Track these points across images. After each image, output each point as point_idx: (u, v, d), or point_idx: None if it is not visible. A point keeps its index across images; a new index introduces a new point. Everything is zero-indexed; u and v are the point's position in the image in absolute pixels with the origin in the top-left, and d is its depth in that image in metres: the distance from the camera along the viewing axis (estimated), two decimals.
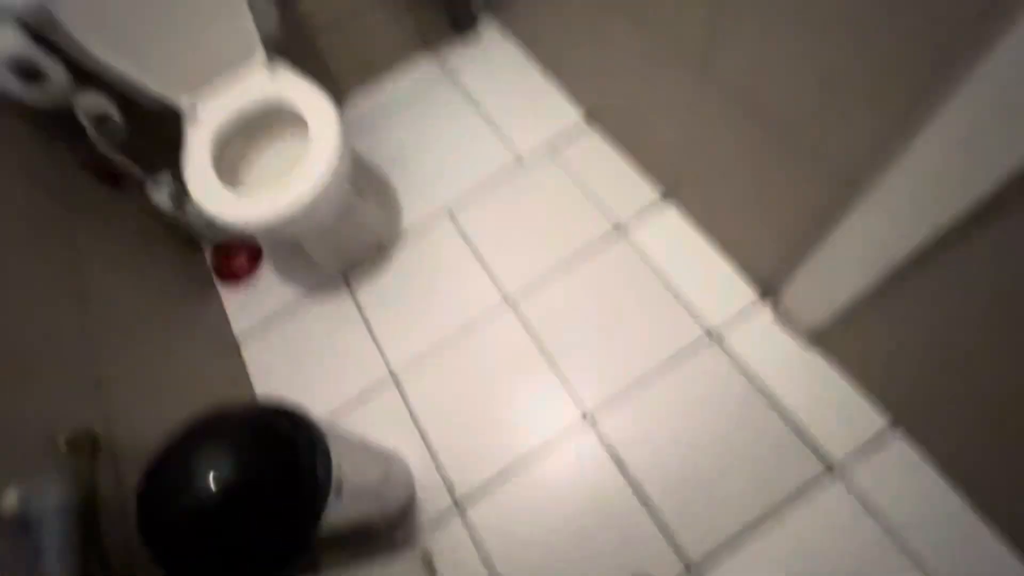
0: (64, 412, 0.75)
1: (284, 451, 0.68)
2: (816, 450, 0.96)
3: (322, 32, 1.37)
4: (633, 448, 1.02)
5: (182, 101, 1.08)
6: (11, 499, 0.59)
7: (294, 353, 1.25)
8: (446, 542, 1.01)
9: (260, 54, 1.10)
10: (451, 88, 1.50)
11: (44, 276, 0.88)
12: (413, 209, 1.35)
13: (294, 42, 1.30)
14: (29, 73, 0.98)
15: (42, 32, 0.96)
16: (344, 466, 0.80)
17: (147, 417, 0.89)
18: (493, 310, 1.19)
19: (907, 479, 0.92)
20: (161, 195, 1.24)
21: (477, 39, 1.56)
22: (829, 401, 0.99)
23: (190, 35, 1.03)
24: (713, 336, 1.08)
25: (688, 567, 0.92)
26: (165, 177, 1.26)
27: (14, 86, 0.96)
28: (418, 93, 1.51)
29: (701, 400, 1.04)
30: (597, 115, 1.33)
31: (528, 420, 1.08)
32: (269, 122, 1.15)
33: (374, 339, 1.22)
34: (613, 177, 1.28)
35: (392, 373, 1.18)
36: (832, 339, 0.99)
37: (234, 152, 1.13)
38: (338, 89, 1.52)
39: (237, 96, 1.09)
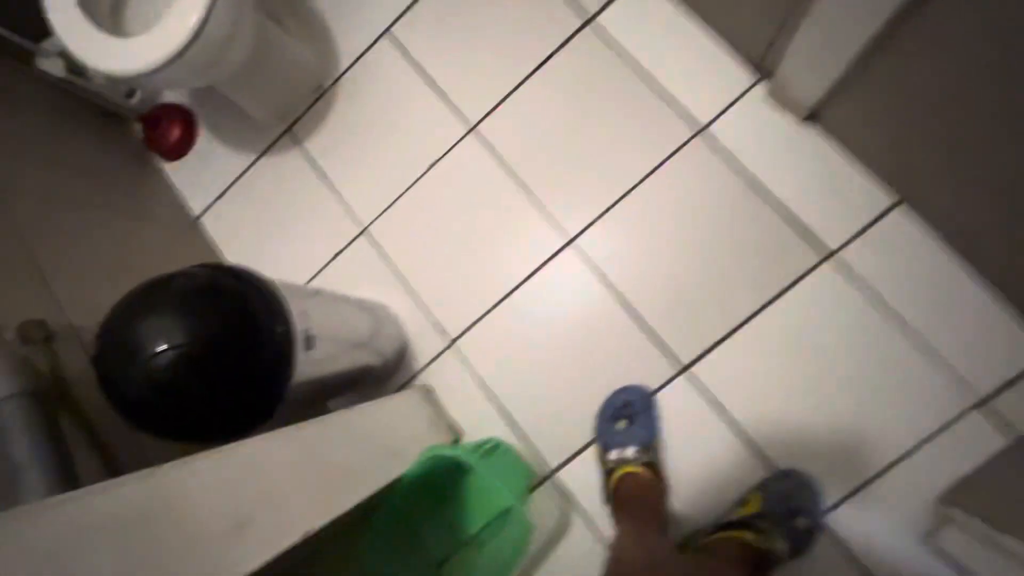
0: (9, 308, 0.71)
1: (235, 306, 0.65)
2: (814, 238, 0.90)
3: None
4: (618, 263, 0.98)
5: None
6: None
7: (258, 221, 1.18)
8: (443, 376, 1.04)
9: None
10: None
11: None
12: (349, 36, 1.16)
13: None
14: None
15: None
16: (318, 319, 0.78)
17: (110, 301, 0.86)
18: (457, 141, 1.07)
19: (910, 255, 0.86)
20: (54, 63, 1.07)
21: None
22: (828, 182, 0.90)
23: None
24: (704, 134, 0.96)
25: (681, 370, 0.93)
26: (56, 41, 1.08)
27: None
28: None
29: (694, 206, 0.96)
30: None
31: (510, 252, 1.03)
32: None
33: (336, 192, 1.13)
34: None
35: (361, 225, 1.11)
36: (830, 113, 0.86)
37: None
38: None
39: None
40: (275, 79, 1.09)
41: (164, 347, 0.59)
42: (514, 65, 1.05)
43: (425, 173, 1.08)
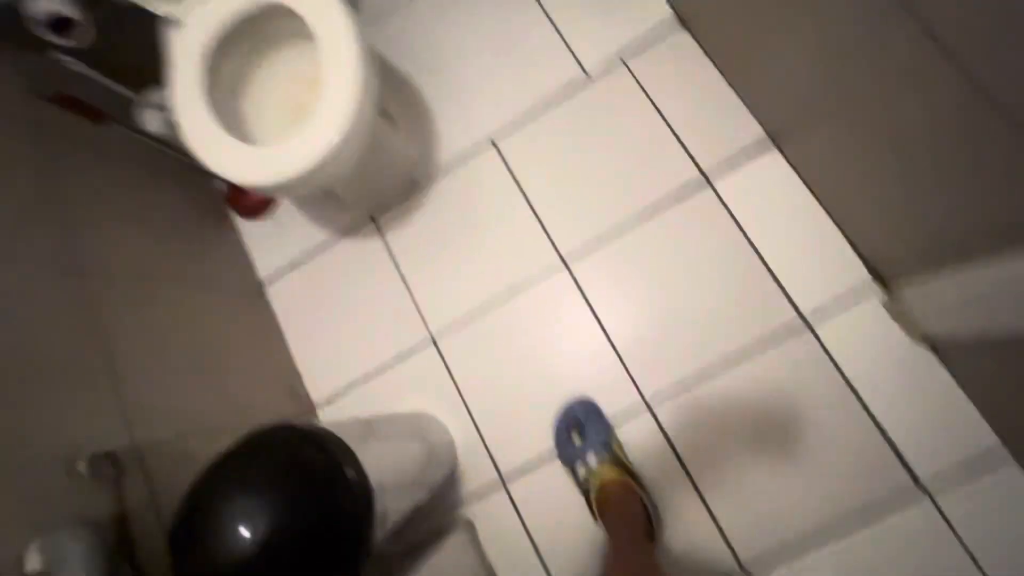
0: (80, 419, 0.68)
1: (322, 493, 0.61)
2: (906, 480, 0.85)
3: None
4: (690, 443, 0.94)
5: (160, 8, 0.84)
6: (33, 561, 0.54)
7: (324, 301, 1.14)
8: (486, 512, 1.00)
9: None
10: None
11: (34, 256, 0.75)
12: (452, 137, 1.12)
13: None
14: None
15: None
16: (386, 484, 0.74)
17: (177, 395, 0.83)
18: (546, 268, 1.04)
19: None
20: (153, 118, 1.04)
21: None
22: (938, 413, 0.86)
23: None
24: (808, 324, 0.92)
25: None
26: (155, 94, 1.05)
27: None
28: None
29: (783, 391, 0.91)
30: (693, 18, 1.01)
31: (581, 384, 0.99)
32: (271, 28, 0.90)
33: (410, 292, 1.10)
34: (706, 105, 1.01)
35: (430, 333, 1.07)
36: (953, 351, 0.82)
37: (232, 69, 0.90)
38: None
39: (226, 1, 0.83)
40: (374, 170, 1.06)
41: (246, 537, 0.55)
42: (619, 207, 1.02)
43: (504, 296, 1.05)
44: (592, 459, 0.90)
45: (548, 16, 1.10)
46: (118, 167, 0.98)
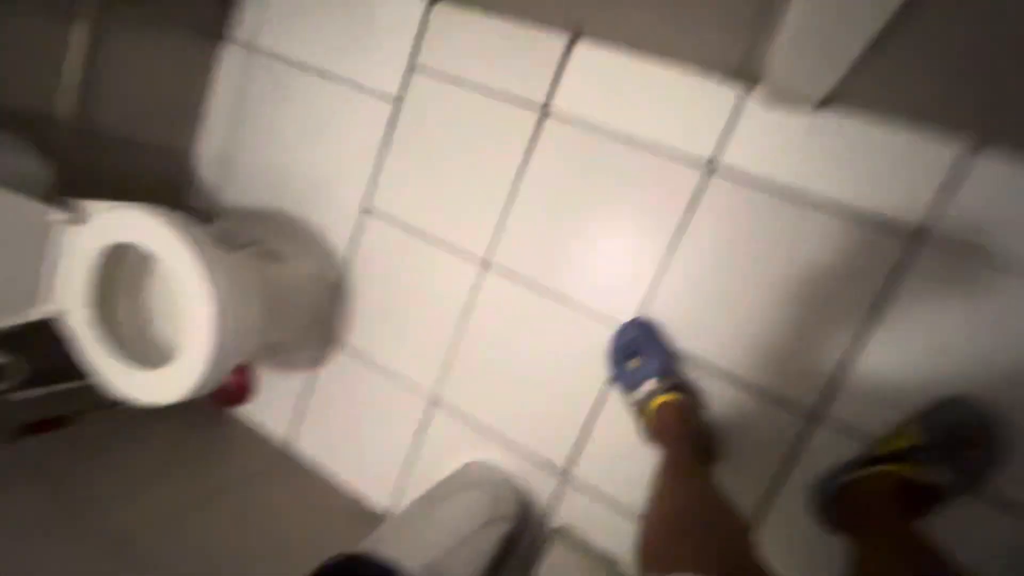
0: None
1: None
2: (891, 225, 0.79)
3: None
4: (702, 334, 0.91)
5: (38, 313, 0.93)
6: None
7: (338, 427, 1.20)
8: (571, 510, 1.00)
9: (52, 216, 0.89)
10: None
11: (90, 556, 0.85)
12: (333, 226, 1.17)
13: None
14: None
15: None
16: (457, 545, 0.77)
17: None
18: (475, 275, 1.05)
19: None
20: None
21: None
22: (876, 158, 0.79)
23: None
24: (713, 165, 0.88)
25: None
26: None
27: None
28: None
29: (732, 241, 0.87)
30: None
31: (579, 362, 0.99)
32: (135, 263, 0.98)
33: (392, 374, 1.13)
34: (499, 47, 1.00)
35: (426, 395, 1.10)
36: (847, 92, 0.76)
37: (125, 310, 0.99)
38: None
39: (79, 270, 0.91)
40: (288, 304, 1.11)
41: None
42: (494, 179, 1.02)
43: (462, 321, 1.06)
44: (650, 385, 0.86)
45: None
46: (111, 447, 1.08)
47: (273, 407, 1.27)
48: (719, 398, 0.89)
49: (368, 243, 1.14)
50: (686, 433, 0.81)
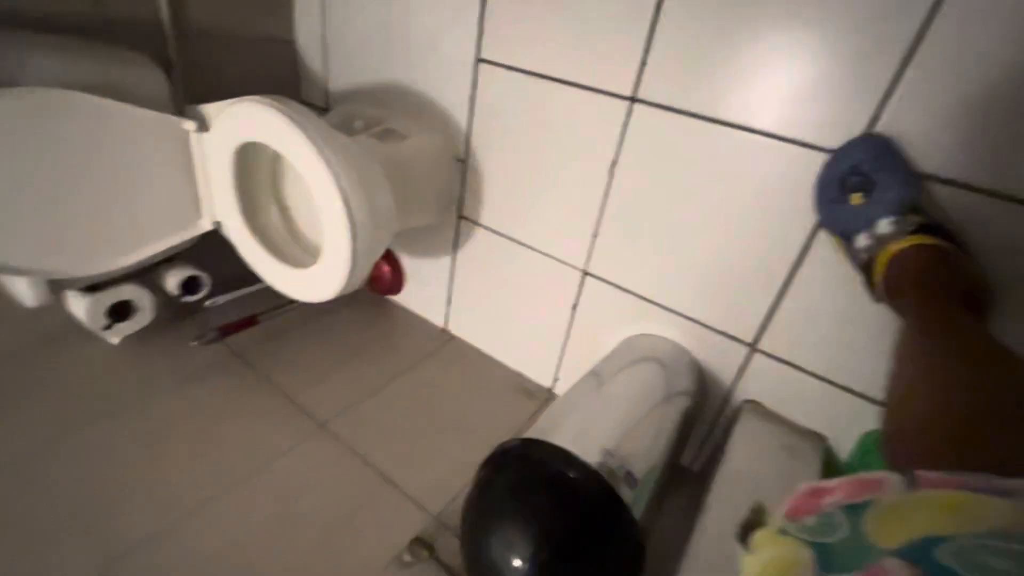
0: (391, 527, 0.83)
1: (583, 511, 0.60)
2: None
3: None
4: None
5: (203, 226, 0.98)
6: None
7: (488, 308, 1.17)
8: (763, 385, 0.86)
9: (185, 126, 0.88)
10: None
11: (285, 427, 0.96)
12: (448, 90, 1.02)
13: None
14: (121, 314, 1.01)
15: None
16: (637, 431, 0.71)
17: (443, 464, 0.95)
18: (622, 111, 0.84)
19: None
20: None
21: None
22: None
23: (150, 190, 0.89)
24: None
25: None
26: None
27: (116, 331, 1.00)
28: None
29: None
30: None
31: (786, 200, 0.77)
32: (267, 161, 0.96)
33: (533, 249, 1.03)
34: None
35: (579, 265, 0.99)
36: None
37: (270, 211, 1.00)
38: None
39: (221, 177, 0.91)
40: (418, 185, 1.03)
41: (519, 564, 0.58)
42: None
43: (610, 167, 0.89)
44: (885, 226, 0.62)
45: None
46: (292, 339, 1.18)
47: (426, 293, 1.28)
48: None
49: (489, 100, 0.98)
50: (950, 281, 0.58)
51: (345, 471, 0.90)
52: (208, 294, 1.11)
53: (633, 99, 0.82)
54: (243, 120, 0.82)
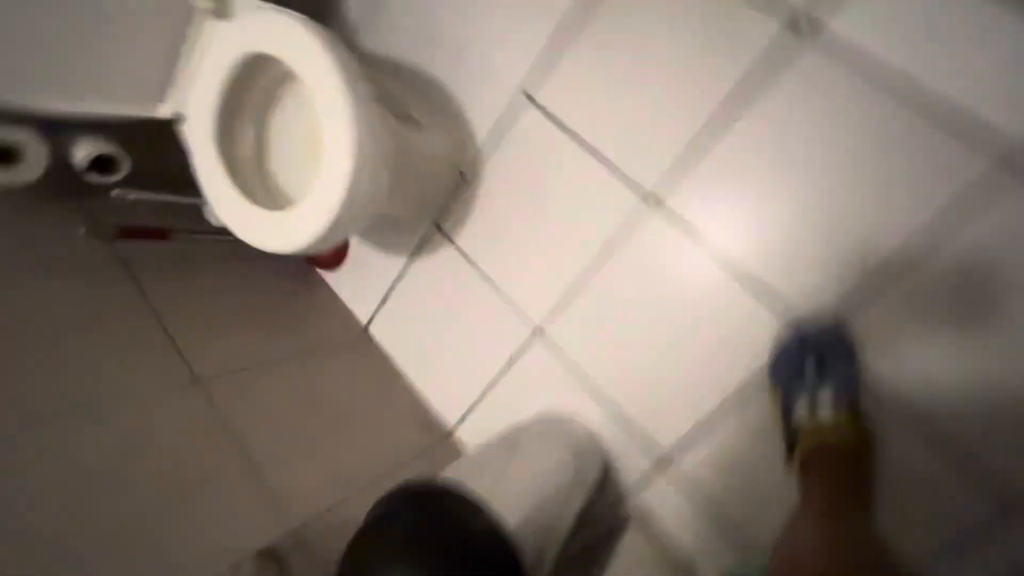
0: (239, 530, 0.71)
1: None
2: None
3: None
4: None
5: (162, 111, 0.84)
6: None
7: (422, 327, 1.11)
8: (661, 503, 0.89)
9: (201, 3, 0.76)
10: None
11: (150, 368, 0.81)
12: (480, 104, 1.00)
13: None
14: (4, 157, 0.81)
15: None
16: (536, 514, 0.67)
17: (305, 458, 0.85)
18: (633, 211, 0.87)
19: None
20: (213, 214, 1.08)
21: None
22: None
23: (123, 38, 0.74)
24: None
25: None
26: None
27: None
28: None
29: None
30: None
31: (727, 349, 0.83)
32: (266, 81, 0.86)
33: (498, 291, 1.01)
34: None
35: (532, 325, 0.98)
36: None
37: (246, 135, 0.88)
38: None
39: (211, 75, 0.80)
40: (413, 178, 0.98)
41: None
42: (696, 116, 0.81)
43: (598, 259, 0.91)
44: (826, 401, 0.69)
45: None
46: (200, 273, 1.03)
47: (361, 284, 1.18)
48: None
49: (516, 134, 0.97)
50: (854, 479, 0.66)
51: (205, 440, 0.77)
52: (120, 182, 0.93)
53: (654, 199, 0.85)
54: (276, 29, 0.73)
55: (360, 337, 1.17)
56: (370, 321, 1.18)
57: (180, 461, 0.72)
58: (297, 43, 0.71)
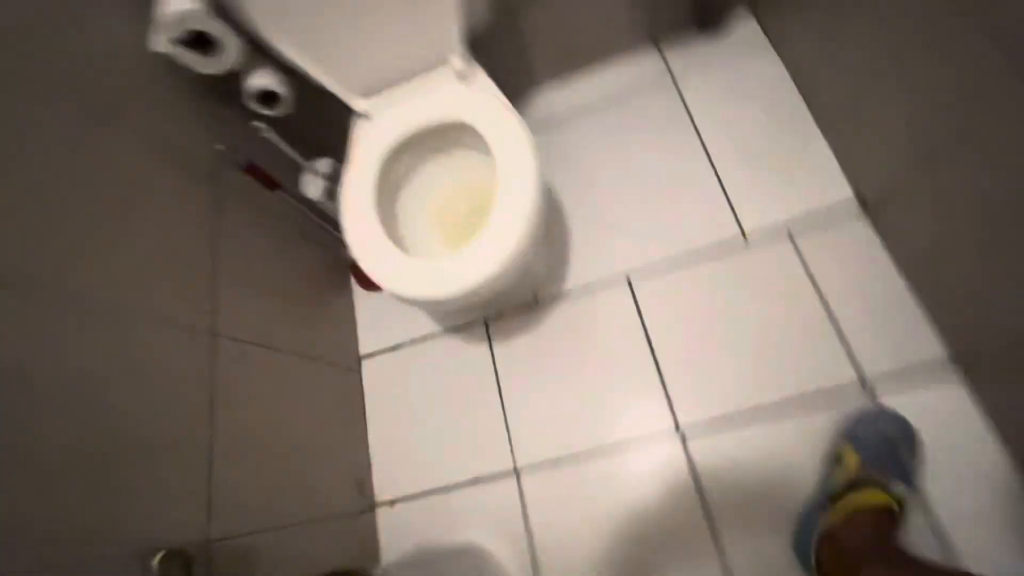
0: (169, 516, 0.65)
1: None
2: None
3: (527, 5, 1.06)
4: None
5: (358, 105, 0.88)
6: None
7: (414, 392, 1.11)
8: None
9: (458, 58, 0.85)
10: (672, 102, 1.14)
11: (184, 298, 0.77)
12: (588, 261, 1.09)
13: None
14: (203, 41, 0.83)
15: (224, 7, 0.79)
16: None
17: (255, 463, 0.79)
18: (659, 432, 0.94)
19: None
20: (314, 185, 1.09)
21: (723, 36, 1.16)
22: None
23: (382, 32, 0.80)
24: None
25: None
26: (324, 165, 1.11)
27: (187, 56, 0.82)
28: (626, 100, 1.18)
29: None
30: (880, 204, 0.92)
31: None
32: (447, 137, 0.92)
33: (504, 413, 1.03)
34: (878, 306, 0.90)
35: (516, 465, 0.99)
36: None
37: (399, 169, 0.92)
38: (528, 79, 1.23)
39: (420, 108, 0.86)
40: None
41: None
42: (756, 391, 0.91)
43: (605, 451, 0.95)
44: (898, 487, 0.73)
45: (715, 169, 1.06)
46: (268, 232, 1.01)
47: (385, 318, 1.18)
48: None
49: (599, 300, 1.05)
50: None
51: (188, 398, 0.72)
52: (269, 120, 0.95)
53: (683, 435, 0.93)
54: (494, 111, 0.81)
55: (351, 364, 1.14)
56: (369, 356, 1.16)
57: (153, 413, 0.67)
58: (504, 124, 0.79)
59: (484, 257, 0.73)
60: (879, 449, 0.75)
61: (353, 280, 1.23)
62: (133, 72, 0.79)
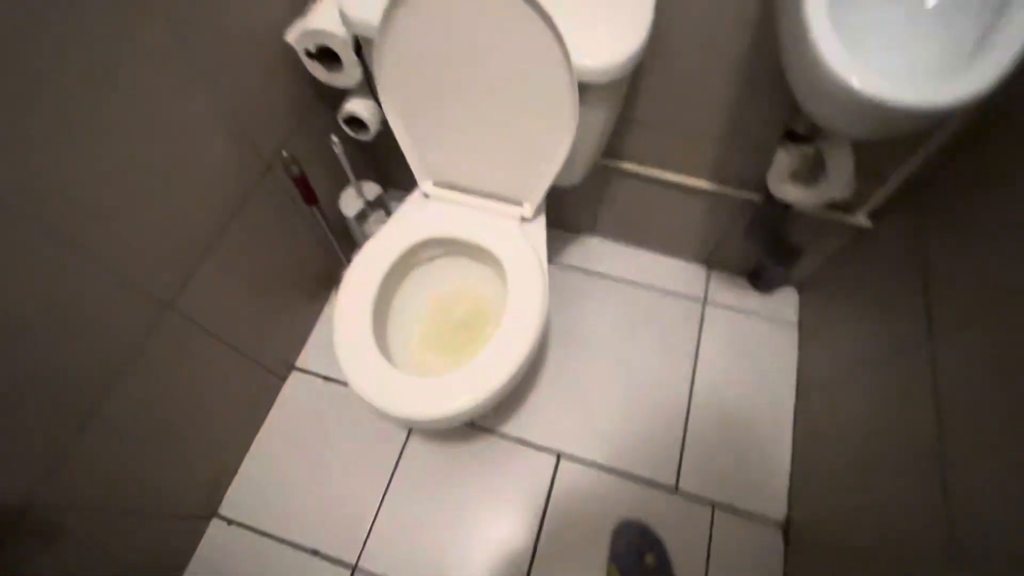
0: None
1: None
2: None
3: (619, 179, 1.10)
4: None
5: (424, 184, 0.91)
6: None
7: (314, 433, 1.09)
8: None
9: (531, 206, 0.88)
10: (690, 318, 1.19)
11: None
12: (532, 416, 1.09)
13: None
14: (331, 55, 0.86)
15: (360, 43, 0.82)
16: None
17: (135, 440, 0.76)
18: None
19: None
20: (354, 206, 1.11)
21: (766, 296, 1.22)
22: None
23: (480, 156, 0.84)
24: None
25: None
26: (370, 191, 1.13)
27: (310, 63, 0.85)
28: (655, 290, 1.22)
29: None
30: (799, 533, 0.95)
31: None
32: (480, 251, 0.93)
33: (377, 508, 1.01)
34: None
35: (357, 564, 0.97)
36: None
37: (423, 254, 0.93)
38: (588, 224, 1.28)
39: (472, 222, 0.88)
40: None
41: None
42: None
43: None
44: None
45: (688, 409, 1.09)
46: (279, 232, 0.99)
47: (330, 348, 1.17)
48: None
49: (523, 456, 1.05)
50: None
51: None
52: (353, 144, 0.97)
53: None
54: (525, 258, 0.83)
55: (280, 370, 1.12)
56: (301, 371, 1.15)
57: (59, 362, 0.65)
58: (532, 281, 0.81)
59: (469, 386, 0.73)
60: (630, 560, 0.93)
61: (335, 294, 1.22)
62: (256, 49, 0.81)
